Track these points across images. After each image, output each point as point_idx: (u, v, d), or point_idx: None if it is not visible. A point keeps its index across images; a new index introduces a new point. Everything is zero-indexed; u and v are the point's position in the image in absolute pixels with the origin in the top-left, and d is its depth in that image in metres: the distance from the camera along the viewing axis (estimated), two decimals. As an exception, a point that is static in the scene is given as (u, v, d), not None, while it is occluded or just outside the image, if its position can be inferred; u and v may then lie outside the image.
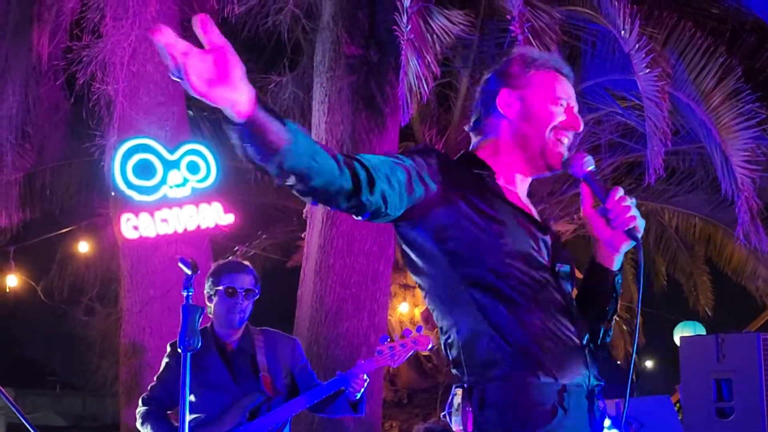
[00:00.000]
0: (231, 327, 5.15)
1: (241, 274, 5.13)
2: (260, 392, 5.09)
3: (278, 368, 5.19)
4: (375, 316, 9.09)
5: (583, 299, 2.98)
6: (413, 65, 7.71)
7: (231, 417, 5.05)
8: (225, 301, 5.10)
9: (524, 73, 2.97)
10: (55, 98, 10.81)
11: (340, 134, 9.04)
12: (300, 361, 5.28)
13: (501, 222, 2.80)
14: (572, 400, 2.75)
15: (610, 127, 10.91)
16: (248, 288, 5.10)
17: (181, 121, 9.20)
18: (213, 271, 5.21)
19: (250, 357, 5.18)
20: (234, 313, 5.09)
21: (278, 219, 13.14)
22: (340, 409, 5.14)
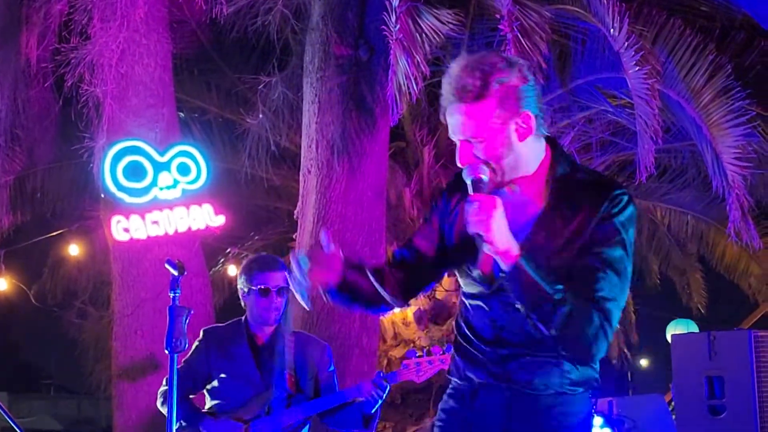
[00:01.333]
0: (265, 324, 5.24)
1: (273, 273, 5.19)
2: (283, 389, 5.17)
3: (305, 369, 5.27)
4: (366, 317, 9.06)
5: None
6: (402, 65, 7.69)
7: (251, 409, 5.15)
8: (259, 300, 5.19)
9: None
10: (44, 101, 10.78)
11: (330, 135, 9.03)
12: (327, 367, 5.35)
13: None
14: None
15: (601, 126, 10.91)
16: (282, 286, 5.16)
17: (171, 122, 9.19)
18: (246, 268, 5.32)
19: (278, 354, 5.25)
20: (269, 312, 5.19)
21: (269, 220, 13.13)
22: (352, 421, 5.16)
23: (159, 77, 8.91)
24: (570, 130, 10.99)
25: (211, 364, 5.26)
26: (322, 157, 9.08)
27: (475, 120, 3.03)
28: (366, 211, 9.16)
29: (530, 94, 3.05)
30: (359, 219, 9.12)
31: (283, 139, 10.33)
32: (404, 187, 11.70)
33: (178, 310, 3.27)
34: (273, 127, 9.89)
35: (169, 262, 4.25)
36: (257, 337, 5.29)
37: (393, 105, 7.84)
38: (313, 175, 9.13)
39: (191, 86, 11.96)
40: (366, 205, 9.16)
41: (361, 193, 9.14)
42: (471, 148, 3.08)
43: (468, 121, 3.04)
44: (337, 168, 9.01)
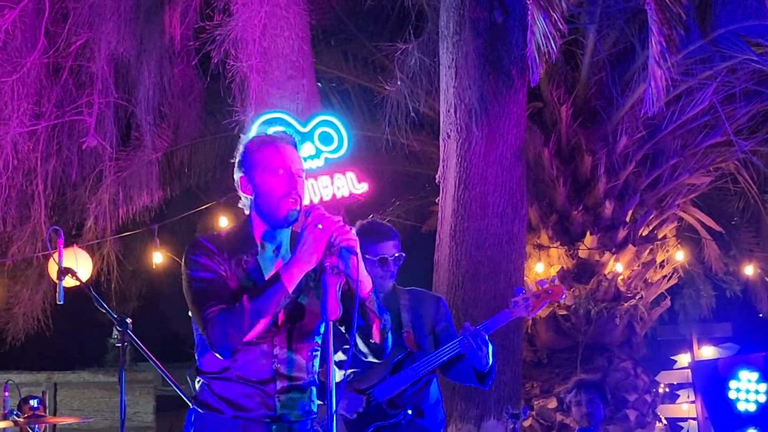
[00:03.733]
0: (382, 291, 5.26)
1: (387, 242, 5.21)
2: (402, 348, 5.19)
3: (421, 324, 5.28)
4: (511, 277, 9.11)
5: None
6: (540, 24, 7.65)
7: (375, 373, 5.18)
8: (376, 269, 5.19)
9: (249, 156, 3.55)
10: (187, 78, 11.06)
11: (468, 98, 9.05)
12: (444, 319, 5.33)
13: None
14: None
15: (745, 75, 10.65)
16: (397, 254, 5.20)
17: (312, 93, 9.33)
18: (360, 238, 5.33)
19: (394, 315, 5.28)
20: (385, 279, 5.22)
21: (411, 185, 13.22)
22: (466, 375, 5.12)
23: (299, 49, 9.05)
24: (712, 81, 10.77)
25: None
26: (461, 121, 9.12)
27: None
28: (506, 173, 9.17)
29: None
30: (500, 181, 9.14)
31: (422, 104, 10.39)
32: (543, 147, 11.66)
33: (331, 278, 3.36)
34: (411, 94, 9.94)
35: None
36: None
37: (532, 65, 7.81)
38: (453, 139, 9.19)
39: (329, 56, 12.12)
40: (506, 167, 9.17)
41: (500, 155, 9.15)
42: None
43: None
44: (476, 131, 9.03)
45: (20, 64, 9.29)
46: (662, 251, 12.38)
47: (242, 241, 3.56)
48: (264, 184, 3.52)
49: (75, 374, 21.31)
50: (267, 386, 3.52)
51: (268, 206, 3.53)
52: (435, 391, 5.35)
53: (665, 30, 7.63)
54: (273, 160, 3.51)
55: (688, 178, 12.03)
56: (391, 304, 5.31)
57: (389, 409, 5.16)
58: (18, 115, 9.35)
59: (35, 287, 12.18)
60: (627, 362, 11.91)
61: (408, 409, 5.17)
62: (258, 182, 3.53)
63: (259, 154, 3.53)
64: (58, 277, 5.12)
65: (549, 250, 11.86)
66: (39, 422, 6.74)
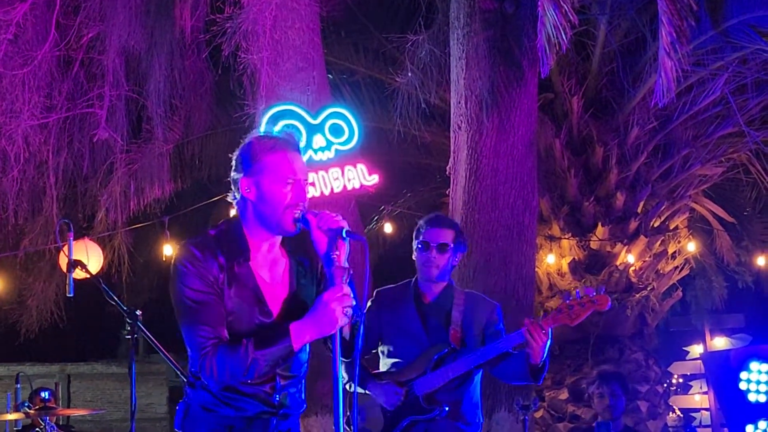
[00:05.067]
0: (427, 279, 5.31)
1: (437, 229, 5.26)
2: (446, 344, 5.21)
3: (471, 326, 5.28)
4: (522, 269, 9.11)
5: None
6: (550, 15, 7.63)
7: (417, 366, 5.21)
8: (420, 254, 5.26)
9: (257, 160, 3.49)
10: (198, 70, 11.05)
11: (479, 89, 9.05)
12: (495, 326, 5.33)
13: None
14: None
15: (756, 66, 10.61)
16: (442, 242, 5.22)
17: (322, 85, 9.32)
18: (417, 225, 5.37)
19: (445, 312, 5.30)
20: (428, 267, 5.25)
21: (422, 177, 13.22)
22: (519, 372, 5.09)
23: (309, 41, 9.03)
24: (723, 72, 10.74)
25: (382, 324, 5.35)
26: (471, 112, 9.11)
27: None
28: (517, 164, 9.16)
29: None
30: (511, 172, 9.13)
31: (433, 96, 10.38)
32: (554, 138, 11.65)
33: (338, 270, 3.39)
34: (422, 85, 9.94)
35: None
36: (424, 296, 5.34)
37: (543, 56, 7.78)
38: (464, 130, 9.18)
39: (339, 48, 12.11)
40: (517, 158, 9.16)
41: (511, 146, 9.14)
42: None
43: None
44: (487, 122, 9.03)
45: (31, 57, 9.29)
46: (674, 242, 12.36)
47: (235, 246, 3.54)
48: (271, 192, 3.50)
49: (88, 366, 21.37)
50: (267, 385, 3.56)
51: (272, 214, 3.51)
52: (475, 392, 5.36)
53: (676, 21, 7.61)
54: (283, 168, 3.50)
55: (699, 168, 12.01)
56: (444, 300, 5.34)
57: (426, 404, 5.18)
58: (29, 108, 9.35)
59: (48, 279, 12.22)
60: (638, 353, 11.90)
61: (445, 405, 5.18)
62: (265, 189, 3.50)
63: (269, 160, 3.51)
64: (67, 269, 5.14)
65: (560, 241, 11.85)
66: (50, 414, 6.77)
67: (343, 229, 3.42)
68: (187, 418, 3.60)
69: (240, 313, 3.50)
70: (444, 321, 5.28)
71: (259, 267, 3.57)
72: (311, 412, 8.81)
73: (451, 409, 5.20)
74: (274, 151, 3.51)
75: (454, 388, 5.23)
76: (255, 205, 3.54)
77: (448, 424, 5.20)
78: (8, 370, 17.63)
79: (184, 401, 3.64)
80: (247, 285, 3.52)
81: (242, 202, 3.57)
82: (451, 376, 5.17)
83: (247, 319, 3.51)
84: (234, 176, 3.58)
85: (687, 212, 12.61)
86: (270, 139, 3.57)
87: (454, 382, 5.21)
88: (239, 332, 3.47)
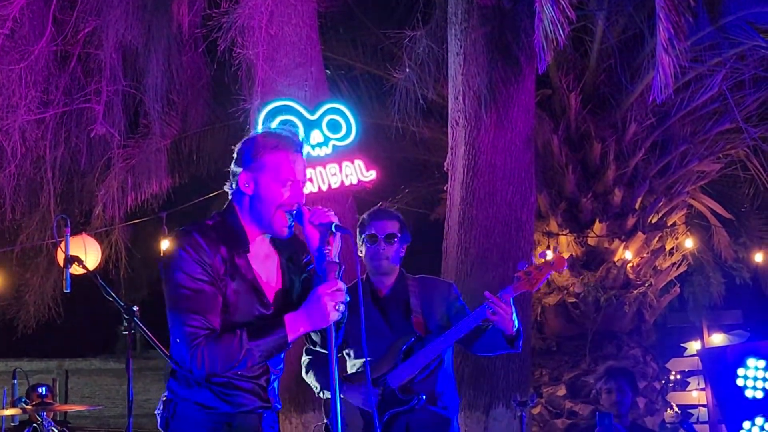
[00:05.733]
0: (378, 273, 5.29)
1: (382, 221, 5.26)
2: (412, 333, 5.19)
3: (432, 310, 5.27)
4: (520, 264, 9.10)
5: None
6: (548, 11, 7.61)
7: (387, 360, 5.19)
8: (368, 248, 5.25)
9: (260, 157, 3.50)
10: (196, 65, 11.05)
11: (477, 85, 9.04)
12: (457, 302, 5.33)
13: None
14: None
15: (754, 62, 10.61)
16: (389, 233, 5.22)
17: (320, 81, 9.31)
18: (359, 222, 5.35)
19: (402, 302, 5.29)
20: (378, 259, 5.24)
21: (420, 173, 13.21)
22: (496, 343, 5.09)
23: (306, 36, 9.03)
24: (721, 68, 10.73)
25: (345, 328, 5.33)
26: (469, 108, 9.11)
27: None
28: (515, 160, 9.16)
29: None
30: (509, 168, 9.13)
31: (430, 92, 10.37)
32: (552, 134, 11.64)
33: (331, 265, 3.40)
34: (420, 81, 9.92)
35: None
36: (379, 290, 5.32)
37: (540, 52, 7.77)
38: (462, 126, 9.17)
39: (337, 44, 12.10)
40: (515, 154, 9.16)
41: (509, 142, 9.14)
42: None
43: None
44: (485, 118, 9.02)
45: (28, 52, 9.29)
46: (671, 238, 12.36)
47: (234, 237, 3.54)
48: (268, 191, 3.51)
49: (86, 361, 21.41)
50: (262, 378, 3.58)
51: (266, 213, 3.53)
52: (447, 375, 5.35)
53: (673, 17, 7.60)
54: (284, 168, 3.51)
55: (697, 165, 12.00)
56: (400, 291, 5.32)
57: (402, 395, 5.16)
58: (26, 103, 9.35)
59: (45, 275, 12.22)
60: (636, 349, 11.90)
61: (422, 394, 5.17)
62: (263, 187, 3.51)
63: (271, 159, 3.51)
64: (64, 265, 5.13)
65: (558, 237, 11.84)
66: (47, 410, 6.76)
67: (333, 224, 3.43)
68: (175, 419, 3.55)
69: (240, 304, 3.50)
70: (404, 311, 5.27)
71: (254, 261, 3.58)
72: (308, 408, 8.80)
73: (428, 397, 5.18)
74: (276, 150, 3.52)
75: (428, 376, 5.22)
76: (251, 201, 3.55)
77: (427, 412, 5.18)
78: (6, 365, 17.67)
79: (169, 399, 3.58)
80: (246, 277, 3.52)
81: (239, 194, 3.58)
82: (423, 364, 5.16)
83: (248, 310, 3.51)
84: (234, 169, 3.59)
85: (685, 208, 12.61)
86: (274, 137, 3.57)
87: (427, 369, 5.20)
88: (239, 323, 3.47)
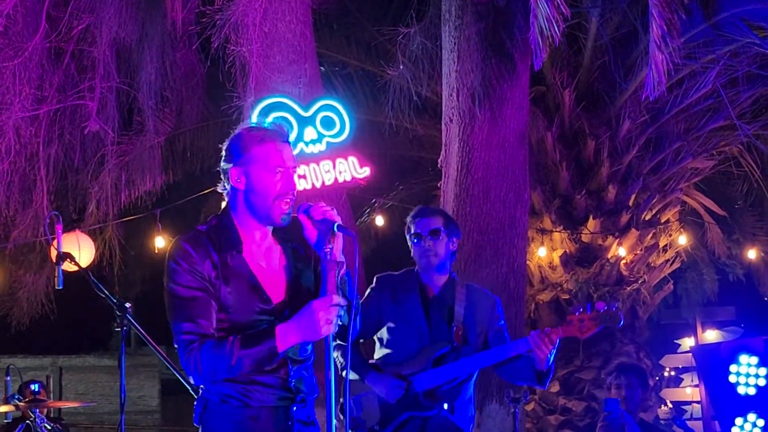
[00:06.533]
0: (428, 270, 5.28)
1: (425, 218, 5.26)
2: (449, 342, 5.18)
3: (473, 323, 5.26)
4: (514, 262, 9.11)
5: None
6: (543, 8, 7.61)
7: (418, 361, 5.17)
8: (416, 246, 5.26)
9: (247, 150, 3.55)
10: (190, 62, 11.05)
11: (470, 82, 9.04)
12: (497, 322, 5.31)
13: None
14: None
15: (748, 59, 10.63)
16: (433, 228, 5.22)
17: (314, 77, 9.31)
18: (407, 223, 5.38)
19: (447, 307, 5.27)
20: (426, 257, 5.23)
21: (414, 170, 13.23)
22: (524, 375, 5.07)
23: (300, 33, 9.02)
24: (714, 65, 10.74)
25: (383, 311, 5.31)
26: (463, 105, 9.11)
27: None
28: (509, 157, 9.16)
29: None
30: (503, 165, 9.13)
31: (425, 89, 10.38)
32: (546, 131, 11.65)
33: (330, 264, 3.39)
34: (414, 78, 9.93)
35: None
36: (428, 289, 5.31)
37: (535, 50, 7.77)
38: (455, 123, 9.18)
39: (331, 41, 12.11)
40: (509, 151, 9.16)
41: (503, 139, 9.14)
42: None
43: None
44: (479, 115, 9.02)
45: (22, 49, 9.27)
46: (665, 235, 12.39)
47: (226, 239, 3.56)
48: (260, 182, 3.53)
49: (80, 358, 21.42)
50: (281, 371, 3.56)
51: (262, 204, 3.54)
52: (470, 388, 5.34)
53: (666, 14, 7.60)
54: (273, 158, 3.52)
55: (691, 162, 12.03)
56: (447, 295, 5.31)
57: (425, 401, 5.15)
58: (20, 100, 9.34)
59: (38, 272, 12.20)
60: (629, 346, 11.93)
61: (444, 403, 5.16)
62: (254, 178, 3.52)
63: (259, 150, 3.53)
64: (57, 262, 5.13)
65: (552, 234, 11.86)
66: (40, 407, 6.76)
67: (335, 224, 3.43)
68: (206, 412, 3.59)
69: (239, 305, 3.51)
70: (447, 317, 5.25)
71: (253, 257, 3.59)
72: (320, 401, 8.81)
73: (450, 407, 5.19)
74: (263, 142, 3.54)
75: (454, 387, 5.21)
76: (245, 195, 3.57)
77: (444, 421, 5.18)
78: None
79: (202, 396, 3.62)
80: (242, 276, 3.53)
81: (232, 192, 3.59)
82: (453, 376, 5.16)
83: (247, 308, 3.51)
84: (224, 166, 3.60)
85: (678, 205, 12.64)
86: (259, 130, 3.59)
87: (455, 380, 5.19)
88: (240, 323, 3.49)
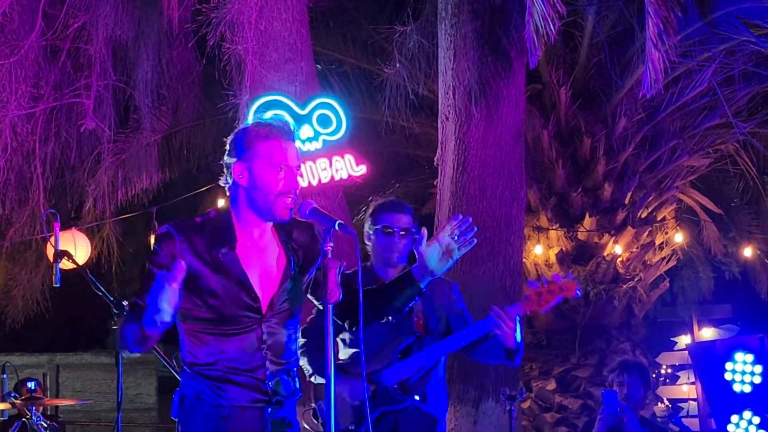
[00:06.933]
0: (388, 265, 5.26)
1: (398, 214, 5.23)
2: (411, 332, 5.18)
3: (432, 310, 5.25)
4: (510, 260, 9.13)
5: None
6: (538, 6, 7.61)
7: (383, 356, 5.15)
8: (382, 239, 5.23)
9: (251, 146, 3.52)
10: (186, 60, 11.05)
11: (467, 80, 9.04)
12: (456, 305, 5.31)
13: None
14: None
15: (744, 57, 10.63)
16: (405, 227, 5.20)
17: (310, 75, 9.30)
18: (371, 211, 5.34)
19: None
20: (390, 252, 5.21)
21: (410, 168, 13.23)
22: (494, 354, 5.06)
23: (297, 31, 9.01)
24: (710, 63, 10.75)
25: None
26: (459, 103, 9.12)
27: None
28: (505, 155, 9.17)
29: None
30: (499, 163, 9.14)
31: (421, 87, 10.38)
32: (542, 129, 11.66)
33: (331, 262, 3.39)
34: (410, 76, 9.93)
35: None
36: (383, 283, 5.33)
37: (531, 47, 7.77)
38: (452, 121, 9.18)
39: (327, 39, 12.10)
40: (505, 149, 9.17)
41: (499, 137, 9.15)
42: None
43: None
44: (475, 113, 9.03)
45: (18, 47, 9.27)
46: (661, 233, 12.40)
47: (221, 233, 3.56)
48: (263, 178, 3.52)
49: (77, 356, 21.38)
50: (258, 372, 3.56)
51: (264, 201, 3.54)
52: (439, 376, 5.33)
53: (662, 11, 7.61)
54: (276, 155, 3.52)
55: (687, 159, 12.04)
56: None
57: (396, 394, 5.13)
58: (16, 98, 9.33)
59: (34, 269, 12.20)
60: (626, 344, 11.94)
61: (415, 394, 5.15)
62: (257, 174, 3.52)
63: (264, 147, 3.53)
64: (54, 259, 5.14)
65: (548, 232, 11.87)
66: (36, 404, 6.76)
67: (336, 222, 3.44)
68: (182, 407, 3.61)
69: (227, 298, 3.51)
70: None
71: (247, 254, 3.59)
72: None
73: (421, 397, 5.17)
74: (268, 139, 3.54)
75: (422, 376, 5.19)
76: (247, 191, 3.57)
77: (417, 412, 5.15)
78: (-4, 360, 17.59)
79: (179, 390, 3.65)
80: (232, 272, 3.53)
81: (234, 187, 3.60)
82: (420, 365, 5.15)
83: (234, 303, 3.52)
84: (227, 160, 3.60)
85: (674, 203, 12.65)
86: (265, 126, 3.58)
87: (422, 370, 5.18)
88: (225, 315, 3.51)
